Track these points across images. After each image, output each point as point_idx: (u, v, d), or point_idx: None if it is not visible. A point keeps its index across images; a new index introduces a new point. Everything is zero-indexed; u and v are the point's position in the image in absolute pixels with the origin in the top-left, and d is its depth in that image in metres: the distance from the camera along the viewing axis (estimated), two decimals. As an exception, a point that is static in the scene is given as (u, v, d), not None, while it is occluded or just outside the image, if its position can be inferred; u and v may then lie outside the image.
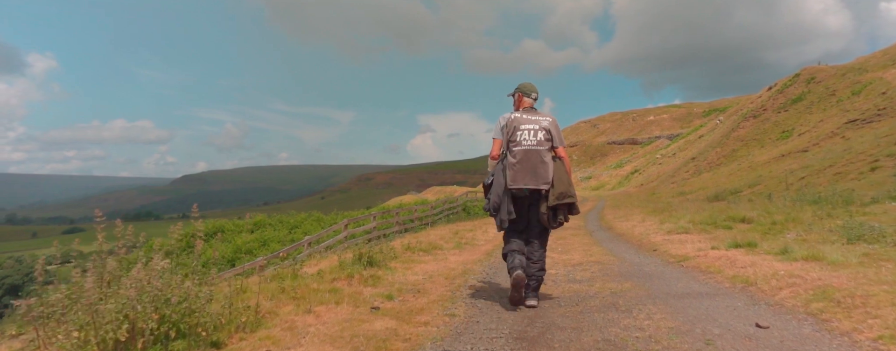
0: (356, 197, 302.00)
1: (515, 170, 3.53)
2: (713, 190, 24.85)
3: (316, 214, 16.70)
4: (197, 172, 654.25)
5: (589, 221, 12.88)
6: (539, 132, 3.57)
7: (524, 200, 3.59)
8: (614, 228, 9.97)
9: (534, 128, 3.58)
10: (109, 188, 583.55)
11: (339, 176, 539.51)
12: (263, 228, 14.72)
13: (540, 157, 3.53)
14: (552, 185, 3.53)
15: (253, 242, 12.71)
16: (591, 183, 73.62)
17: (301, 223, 15.29)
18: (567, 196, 3.53)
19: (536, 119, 3.63)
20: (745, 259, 4.48)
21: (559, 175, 3.57)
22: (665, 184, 42.44)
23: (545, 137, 3.58)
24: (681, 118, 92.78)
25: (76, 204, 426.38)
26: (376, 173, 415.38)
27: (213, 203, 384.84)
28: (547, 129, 3.60)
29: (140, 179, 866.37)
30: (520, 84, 3.91)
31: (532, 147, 3.54)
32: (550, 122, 3.64)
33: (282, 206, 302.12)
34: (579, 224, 11.55)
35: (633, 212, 14.79)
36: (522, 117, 3.64)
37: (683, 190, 30.30)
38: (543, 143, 3.56)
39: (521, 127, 3.59)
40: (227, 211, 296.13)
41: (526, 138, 3.56)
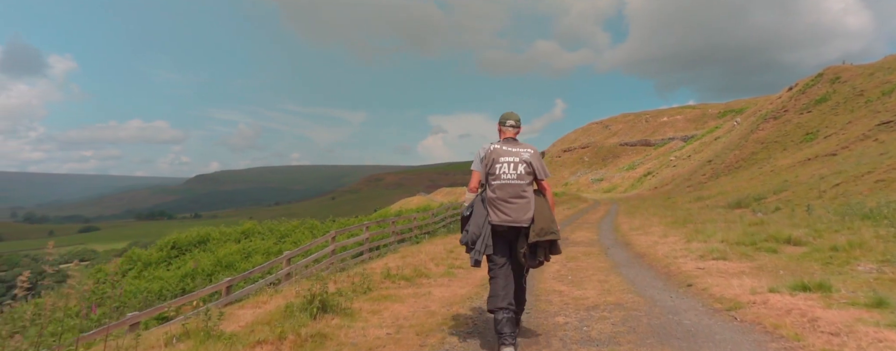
0: (366, 197, 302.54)
1: (495, 205, 3.36)
2: (734, 195, 23.38)
3: (310, 221, 15.58)
4: (210, 172, 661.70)
5: (603, 233, 11.62)
6: (519, 165, 3.39)
7: (504, 237, 3.39)
8: (633, 245, 8.71)
9: (513, 160, 3.40)
10: (125, 187, 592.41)
11: (350, 176, 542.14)
12: (252, 237, 13.65)
13: (520, 192, 3.35)
14: (533, 220, 3.32)
15: (235, 253, 11.64)
16: (603, 185, 72.12)
17: (291, 232, 14.21)
18: (548, 233, 3.31)
19: (517, 151, 3.44)
20: (829, 317, 3.23)
21: (541, 210, 3.37)
22: (681, 187, 40.85)
23: (526, 170, 3.39)
24: (695, 119, 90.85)
25: (92, 203, 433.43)
26: (386, 174, 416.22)
27: (226, 203, 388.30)
28: (527, 161, 3.40)
29: (154, 178, 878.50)
30: (500, 115, 3.72)
31: (511, 181, 3.36)
32: (531, 154, 3.45)
33: (292, 206, 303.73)
34: (592, 238, 10.30)
35: (651, 221, 13.51)
36: (502, 149, 3.45)
37: (701, 195, 28.79)
38: (524, 176, 3.38)
39: (501, 159, 3.41)
40: (238, 210, 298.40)
41: (505, 172, 3.37)
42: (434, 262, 7.01)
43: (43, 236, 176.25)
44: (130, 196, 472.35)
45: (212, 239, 13.45)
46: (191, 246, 13.17)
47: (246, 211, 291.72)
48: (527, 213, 3.31)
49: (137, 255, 13.06)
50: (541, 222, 3.31)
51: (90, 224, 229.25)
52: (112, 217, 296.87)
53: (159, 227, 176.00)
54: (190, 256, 12.14)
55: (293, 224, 14.88)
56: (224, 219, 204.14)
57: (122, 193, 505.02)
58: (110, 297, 5.60)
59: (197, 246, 13.15)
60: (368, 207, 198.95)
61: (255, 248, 11.98)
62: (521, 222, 3.29)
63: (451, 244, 9.40)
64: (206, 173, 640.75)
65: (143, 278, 10.92)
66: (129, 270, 11.88)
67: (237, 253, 11.44)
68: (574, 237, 10.67)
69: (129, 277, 11.31)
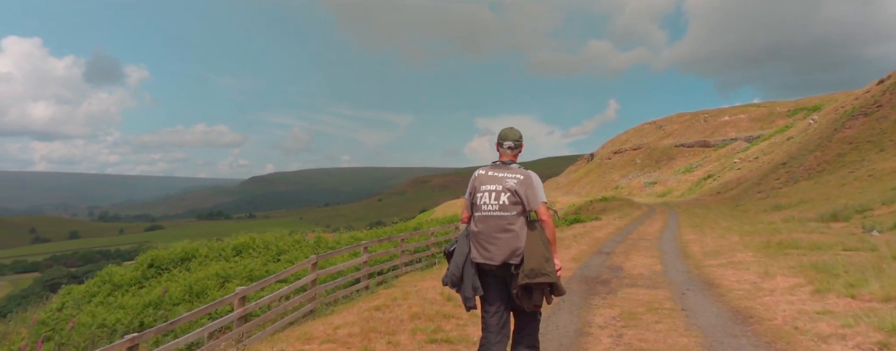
0: (412, 199, 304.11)
1: (477, 240, 2.99)
2: (825, 205, 19.63)
3: (319, 234, 13.60)
4: (264, 174, 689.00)
5: (668, 259, 8.95)
6: (502, 195, 2.95)
7: (496, 276, 2.97)
8: (720, 287, 6.06)
9: (496, 189, 2.97)
10: (188, 188, 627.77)
11: (397, 178, 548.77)
12: (244, 254, 11.84)
13: (502, 226, 2.92)
14: (522, 258, 2.86)
15: (210, 278, 9.81)
16: (657, 189, 67.78)
17: (290, 248, 12.30)
18: (540, 274, 2.79)
19: (502, 177, 3.00)
20: None
21: (531, 246, 2.87)
22: (749, 193, 36.46)
23: (510, 200, 2.93)
24: (761, 118, 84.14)
25: (159, 203, 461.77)
26: (433, 176, 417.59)
27: (278, 204, 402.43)
28: (512, 190, 2.93)
29: (214, 179, 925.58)
30: (499, 131, 3.23)
31: (492, 213, 2.95)
32: (519, 181, 2.96)
33: (341, 207, 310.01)
34: (655, 270, 7.64)
35: (730, 239, 10.67)
36: (486, 175, 3.06)
37: (779, 203, 24.90)
38: (508, 207, 2.93)
39: (482, 188, 3.03)
40: (290, 211, 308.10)
41: (486, 202, 2.98)
42: (417, 319, 4.78)
43: (114, 234, 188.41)
44: (192, 196, 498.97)
45: (198, 255, 11.79)
46: (173, 264, 11.61)
47: (297, 212, 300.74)
48: (511, 250, 2.88)
49: (111, 274, 11.61)
50: (531, 261, 2.83)
51: (156, 223, 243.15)
52: (175, 216, 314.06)
53: (217, 226, 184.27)
54: (167, 277, 10.54)
55: (296, 238, 12.99)
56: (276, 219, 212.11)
57: (185, 194, 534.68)
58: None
59: (180, 264, 11.56)
60: (414, 208, 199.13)
61: (237, 271, 10.02)
62: (504, 260, 2.89)
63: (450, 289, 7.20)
64: (261, 175, 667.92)
65: (107, 305, 9.41)
66: (96, 294, 10.45)
67: (214, 277, 9.62)
68: (630, 267, 8.09)
69: (94, 303, 9.86)
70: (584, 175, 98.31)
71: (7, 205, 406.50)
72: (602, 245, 11.78)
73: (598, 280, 6.99)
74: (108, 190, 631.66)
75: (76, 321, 8.43)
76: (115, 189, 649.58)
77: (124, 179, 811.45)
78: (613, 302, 5.51)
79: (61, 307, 10.38)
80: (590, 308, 5.28)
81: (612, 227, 17.59)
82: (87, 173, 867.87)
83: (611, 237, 13.90)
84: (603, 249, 11.05)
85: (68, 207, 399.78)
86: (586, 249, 10.96)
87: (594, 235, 14.27)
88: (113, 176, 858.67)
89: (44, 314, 10.01)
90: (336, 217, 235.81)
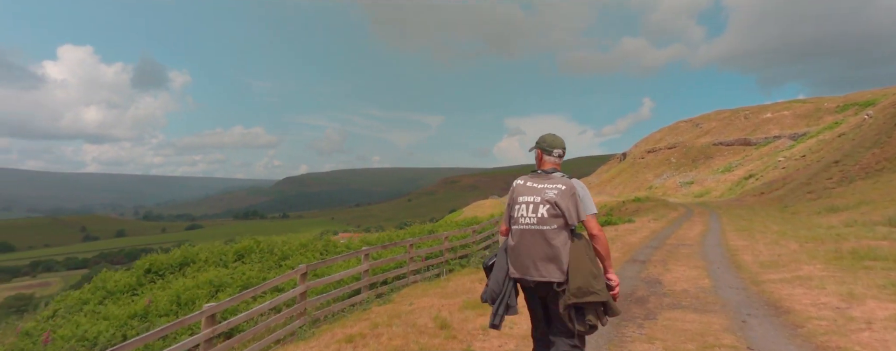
0: (442, 199, 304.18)
1: (513, 255, 2.75)
2: (890, 207, 17.59)
3: (327, 237, 12.71)
4: (298, 175, 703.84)
5: (716, 270, 7.62)
6: (541, 207, 2.68)
7: (534, 292, 2.74)
8: (790, 308, 4.80)
9: (534, 200, 2.71)
10: (226, 189, 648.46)
11: (427, 179, 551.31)
12: (246, 258, 11.03)
13: (543, 240, 2.65)
14: (567, 276, 2.58)
15: (201, 287, 9.00)
16: (694, 189, 64.71)
17: (293, 253, 11.44)
18: (589, 293, 2.53)
19: (542, 188, 2.73)
20: None
21: (576, 262, 2.59)
22: (797, 194, 33.89)
23: (550, 213, 2.65)
24: (806, 115, 79.67)
25: (199, 203, 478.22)
26: (462, 176, 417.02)
27: (311, 204, 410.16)
28: (553, 201, 2.65)
29: (250, 180, 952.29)
30: (540, 137, 2.97)
31: (531, 226, 2.68)
32: (561, 192, 2.68)
33: (372, 207, 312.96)
34: (703, 286, 6.31)
35: (788, 247, 9.23)
36: (524, 186, 2.82)
37: (834, 205, 22.68)
38: (547, 220, 2.66)
39: (520, 199, 2.78)
40: (322, 211, 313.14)
41: (524, 215, 2.73)
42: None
43: (157, 233, 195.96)
44: (230, 197, 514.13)
45: (198, 260, 11.08)
46: (171, 269, 10.95)
47: (329, 212, 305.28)
48: (553, 266, 2.60)
49: (105, 279, 11.02)
50: (577, 279, 2.55)
51: (195, 222, 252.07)
52: (214, 216, 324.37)
53: (252, 226, 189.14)
54: (161, 284, 9.84)
55: (302, 241, 12.12)
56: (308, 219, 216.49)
57: (223, 194, 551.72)
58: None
59: (178, 269, 10.88)
60: (443, 208, 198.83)
61: (232, 279, 9.18)
62: (546, 277, 2.61)
63: (474, 290, 6.10)
64: (294, 175, 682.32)
65: (93, 314, 8.78)
66: (88, 302, 9.85)
67: (204, 286, 8.81)
68: (671, 281, 6.82)
69: (83, 312, 9.26)
70: (615, 175, 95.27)
71: (62, 204, 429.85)
72: (636, 252, 10.49)
73: (632, 298, 5.81)
74: (152, 190, 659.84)
75: (57, 333, 7.81)
76: (159, 189, 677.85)
77: (167, 179, 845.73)
78: (653, 332, 4.35)
79: (53, 315, 9.87)
80: (622, 343, 4.13)
81: (646, 230, 16.13)
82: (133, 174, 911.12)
83: (645, 242, 12.54)
84: (637, 256, 9.78)
85: (116, 207, 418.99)
86: (618, 256, 9.70)
87: (627, 240, 12.93)
88: (157, 177, 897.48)
89: (30, 324, 9.48)
90: (367, 217, 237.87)
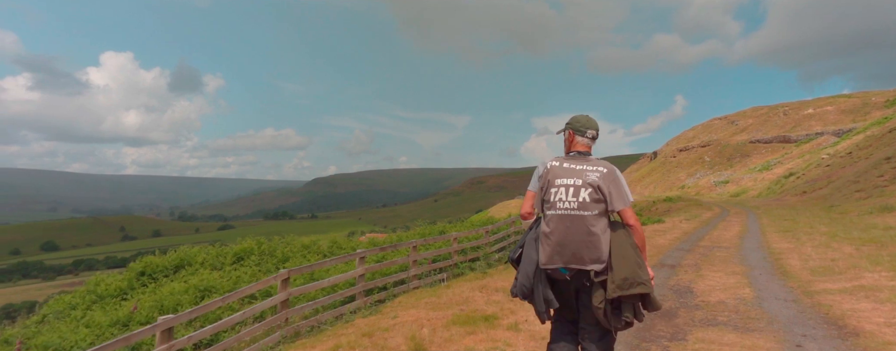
0: (468, 200, 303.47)
1: (549, 243, 2.46)
2: (953, 207, 15.95)
3: (333, 235, 12.10)
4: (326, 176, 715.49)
5: (759, 278, 6.62)
6: (582, 191, 2.46)
7: (569, 284, 2.49)
8: (857, 327, 3.82)
9: (575, 183, 2.48)
10: (257, 190, 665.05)
11: (453, 179, 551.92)
12: (246, 259, 10.53)
13: (584, 227, 2.42)
14: (610, 265, 2.37)
15: (187, 292, 8.42)
16: (729, 188, 62.01)
17: (293, 255, 10.88)
18: (635, 283, 2.34)
19: (582, 169, 2.52)
20: None
21: (620, 250, 2.39)
22: (844, 192, 31.71)
23: (592, 197, 2.45)
24: (852, 110, 75.76)
25: (231, 204, 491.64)
26: (488, 176, 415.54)
27: (339, 204, 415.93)
28: (596, 185, 2.45)
29: (280, 181, 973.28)
30: (572, 117, 2.71)
31: (570, 211, 2.45)
32: (603, 174, 2.48)
33: (398, 208, 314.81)
34: (743, 293, 5.32)
35: (841, 249, 8.12)
36: (562, 167, 2.56)
37: (888, 204, 20.89)
38: (589, 205, 2.44)
39: (557, 182, 2.52)
40: (350, 212, 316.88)
41: (562, 199, 2.47)
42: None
43: (191, 233, 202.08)
44: (261, 198, 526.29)
45: (195, 262, 10.63)
46: (166, 272, 10.52)
47: (356, 212, 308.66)
48: (594, 252, 2.38)
49: (97, 282, 10.65)
50: (623, 269, 2.32)
51: (228, 222, 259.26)
52: (245, 216, 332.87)
53: (282, 226, 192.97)
54: (152, 288, 9.39)
55: (305, 243, 11.56)
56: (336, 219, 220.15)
57: (255, 195, 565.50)
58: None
59: (174, 272, 10.45)
60: (469, 208, 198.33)
61: (220, 283, 8.57)
62: (583, 265, 2.38)
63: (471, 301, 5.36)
64: (323, 177, 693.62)
65: (76, 321, 8.37)
66: (76, 306, 9.49)
67: (192, 290, 8.27)
68: (704, 289, 5.90)
69: (70, 317, 8.89)
70: (646, 174, 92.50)
71: (104, 205, 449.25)
72: (665, 255, 9.54)
73: (658, 311, 4.98)
74: (187, 191, 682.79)
75: (33, 341, 7.41)
76: (194, 190, 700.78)
77: (201, 181, 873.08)
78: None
79: (42, 320, 9.58)
80: (640, 370, 3.35)
81: (677, 231, 15.02)
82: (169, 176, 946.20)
83: (676, 244, 11.52)
84: (666, 259, 8.84)
85: (153, 208, 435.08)
86: (644, 260, 8.83)
87: (655, 242, 11.92)
88: (192, 178, 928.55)
89: (14, 330, 9.14)
90: (393, 218, 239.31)
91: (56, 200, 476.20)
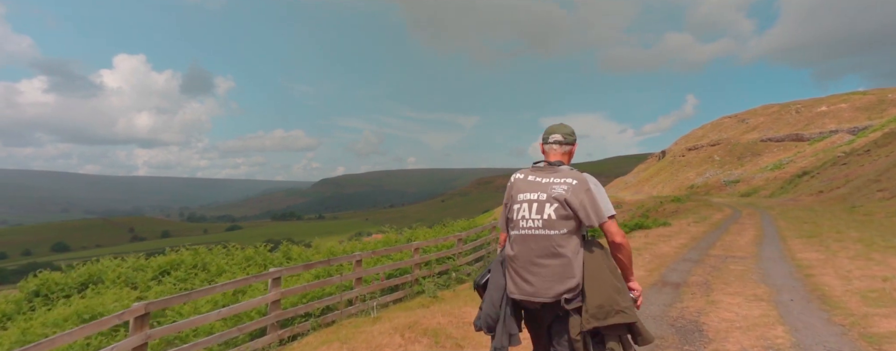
0: (475, 200, 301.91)
1: (513, 268, 2.13)
2: None
3: (287, 246, 10.29)
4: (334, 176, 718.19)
5: (785, 300, 5.13)
6: (547, 206, 2.08)
7: (543, 314, 2.10)
8: None
9: (539, 198, 2.10)
10: (266, 191, 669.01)
11: (461, 179, 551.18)
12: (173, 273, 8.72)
13: (550, 248, 2.04)
14: (582, 293, 2.01)
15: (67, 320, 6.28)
16: (740, 188, 60.00)
17: (233, 268, 9.30)
18: (613, 312, 1.96)
19: (548, 183, 2.12)
20: None
21: (594, 273, 2.02)
22: (865, 192, 29.88)
23: (559, 214, 2.05)
24: (867, 107, 73.57)
25: (240, 204, 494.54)
26: (496, 177, 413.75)
27: (346, 205, 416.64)
28: (562, 199, 2.06)
29: (289, 182, 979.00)
30: None
31: (534, 231, 2.07)
32: (571, 186, 2.07)
33: (406, 208, 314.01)
34: (775, 335, 3.82)
35: (889, 262, 6.60)
36: (525, 181, 2.19)
37: (916, 205, 19.14)
38: (555, 223, 2.06)
39: (520, 197, 2.17)
40: (357, 212, 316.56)
41: (525, 216, 2.11)
42: None
43: (199, 234, 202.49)
44: (269, 198, 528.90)
45: (106, 279, 8.83)
46: (68, 290, 8.77)
47: (363, 213, 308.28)
48: (563, 282, 2.00)
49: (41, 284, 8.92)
50: (597, 296, 1.97)
51: (236, 223, 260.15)
52: (253, 217, 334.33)
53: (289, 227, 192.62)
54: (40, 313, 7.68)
55: (247, 254, 9.95)
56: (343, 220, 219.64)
57: (263, 196, 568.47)
58: None
59: (78, 291, 8.78)
60: (477, 209, 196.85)
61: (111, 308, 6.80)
62: (549, 297, 2.01)
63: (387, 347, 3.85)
64: (331, 177, 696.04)
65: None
66: None
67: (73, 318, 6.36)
68: (717, 327, 4.39)
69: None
70: (654, 174, 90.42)
71: (116, 206, 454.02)
72: (668, 268, 8.02)
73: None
74: (197, 192, 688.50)
75: None
76: (204, 192, 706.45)
77: (212, 182, 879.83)
78: None
79: None
80: None
81: (685, 235, 13.44)
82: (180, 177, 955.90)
83: (682, 253, 9.97)
84: (668, 275, 7.32)
85: (163, 209, 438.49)
86: (642, 275, 7.27)
87: (658, 250, 10.37)
88: (202, 179, 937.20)
89: None
90: (400, 218, 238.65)
91: (68, 202, 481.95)
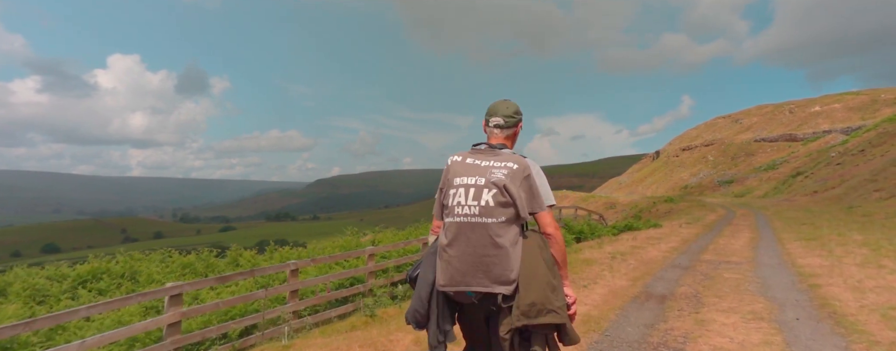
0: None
1: (445, 259, 1.89)
2: None
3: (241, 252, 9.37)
4: (329, 177, 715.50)
5: (790, 319, 4.34)
6: (485, 192, 1.86)
7: (477, 310, 1.92)
8: None
9: (476, 183, 1.88)
10: (260, 191, 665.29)
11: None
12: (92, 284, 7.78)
13: (487, 237, 1.84)
14: (516, 287, 1.84)
15: None
16: (733, 188, 59.60)
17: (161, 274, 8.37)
18: (544, 311, 1.81)
19: (487, 166, 1.90)
20: None
21: (530, 268, 1.84)
22: (861, 191, 29.35)
23: (497, 200, 1.85)
24: (860, 108, 73.44)
25: (234, 205, 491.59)
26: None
27: (341, 206, 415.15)
28: (501, 185, 1.85)
29: (284, 182, 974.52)
30: None
31: (470, 219, 1.86)
32: (512, 171, 1.88)
33: (400, 209, 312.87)
34: None
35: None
36: (463, 163, 1.95)
37: (916, 205, 18.49)
38: (493, 210, 1.85)
39: (456, 181, 1.93)
40: (351, 213, 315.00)
41: (461, 203, 1.88)
42: None
43: (192, 234, 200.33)
44: (264, 199, 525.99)
45: (9, 291, 7.85)
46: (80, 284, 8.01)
47: (358, 213, 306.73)
48: (500, 269, 1.81)
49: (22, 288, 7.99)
50: (530, 292, 1.80)
51: (229, 224, 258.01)
52: (247, 218, 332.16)
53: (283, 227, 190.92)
54: None
55: (184, 261, 8.91)
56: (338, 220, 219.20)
57: (258, 196, 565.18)
58: None
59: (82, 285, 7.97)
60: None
61: None
62: (487, 286, 1.82)
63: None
64: (326, 178, 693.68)
65: None
66: None
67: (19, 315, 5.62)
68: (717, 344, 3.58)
69: None
70: (648, 174, 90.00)
71: (108, 207, 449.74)
72: (654, 276, 7.20)
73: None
74: (191, 193, 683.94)
75: None
76: (198, 192, 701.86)
77: (206, 182, 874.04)
78: None
79: None
80: None
81: (675, 238, 12.65)
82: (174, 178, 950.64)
83: (672, 258, 9.16)
84: (654, 285, 6.50)
85: (157, 209, 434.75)
86: (624, 285, 6.43)
87: (646, 255, 9.55)
88: (196, 180, 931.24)
89: None
90: (395, 219, 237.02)
91: (61, 202, 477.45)
